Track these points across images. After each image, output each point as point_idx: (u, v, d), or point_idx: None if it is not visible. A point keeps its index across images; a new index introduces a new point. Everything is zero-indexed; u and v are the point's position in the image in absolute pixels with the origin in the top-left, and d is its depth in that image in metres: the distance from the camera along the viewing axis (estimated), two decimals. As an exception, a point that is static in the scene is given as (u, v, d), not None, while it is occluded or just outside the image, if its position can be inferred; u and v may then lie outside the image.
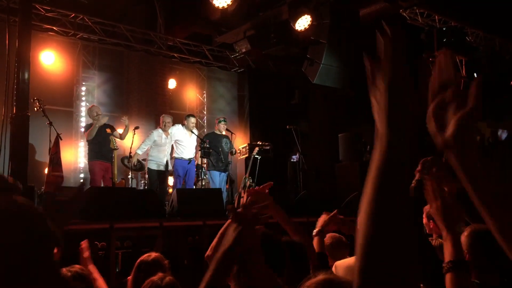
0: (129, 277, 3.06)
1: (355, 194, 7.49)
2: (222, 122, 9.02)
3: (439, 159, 1.53)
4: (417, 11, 9.39)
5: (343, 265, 3.13)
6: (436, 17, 9.63)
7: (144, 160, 8.70)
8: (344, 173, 8.89)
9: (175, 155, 8.65)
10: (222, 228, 2.55)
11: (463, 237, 1.95)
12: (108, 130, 7.87)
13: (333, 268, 3.15)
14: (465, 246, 1.91)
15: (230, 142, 9.14)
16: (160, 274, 2.54)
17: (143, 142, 8.41)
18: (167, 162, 8.48)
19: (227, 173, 8.99)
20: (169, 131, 8.49)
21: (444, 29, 9.68)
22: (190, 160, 8.62)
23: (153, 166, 8.35)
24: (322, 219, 2.78)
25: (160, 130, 8.46)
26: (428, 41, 9.56)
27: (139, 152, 8.34)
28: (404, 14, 9.19)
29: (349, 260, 3.18)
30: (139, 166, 8.68)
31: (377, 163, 0.85)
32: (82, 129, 10.25)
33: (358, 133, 9.24)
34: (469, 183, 0.91)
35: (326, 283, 1.31)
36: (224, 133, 9.06)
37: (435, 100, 0.96)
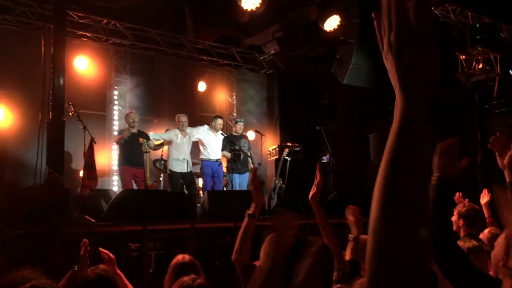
0: (165, 279, 3.08)
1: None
2: (239, 123, 8.92)
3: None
4: (449, 8, 9.20)
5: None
6: (469, 13, 9.41)
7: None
8: (375, 173, 8.70)
9: (202, 156, 8.66)
10: (241, 232, 2.55)
11: None
12: (141, 140, 7.88)
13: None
14: None
15: (249, 143, 9.03)
16: (192, 276, 2.55)
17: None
18: (188, 163, 8.44)
19: (247, 173, 8.90)
20: (188, 130, 8.51)
21: (477, 25, 9.45)
22: (217, 160, 8.63)
23: (175, 168, 8.35)
24: (354, 220, 2.73)
25: (176, 130, 8.46)
26: (460, 38, 9.36)
27: (151, 136, 8.31)
28: (436, 12, 9.02)
29: None
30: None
31: (392, 136, 0.79)
32: (115, 133, 10.47)
33: (389, 133, 9.11)
34: None
35: None
36: (241, 133, 8.97)
37: None
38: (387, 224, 0.76)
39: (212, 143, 8.62)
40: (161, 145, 8.42)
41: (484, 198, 4.51)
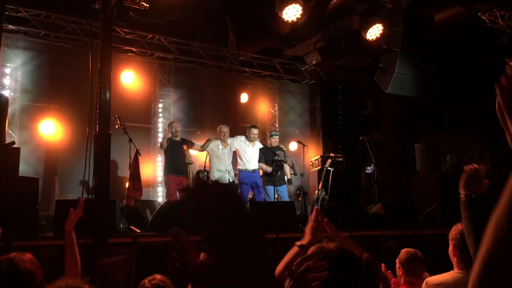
0: None
1: (434, 206, 7.18)
2: (274, 136, 8.93)
3: None
4: (497, 13, 8.90)
5: (434, 281, 2.95)
6: (519, 18, 9.08)
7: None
8: (421, 184, 8.56)
9: (239, 167, 8.68)
10: (287, 258, 2.44)
11: None
12: (185, 147, 8.04)
13: (423, 285, 2.99)
14: None
15: (285, 154, 8.95)
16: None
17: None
18: (230, 173, 8.48)
19: (285, 186, 8.83)
20: (229, 141, 8.57)
21: (527, 30, 9.09)
22: (254, 171, 8.62)
23: (216, 178, 8.41)
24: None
25: (218, 141, 8.52)
26: (510, 44, 9.03)
27: (195, 145, 8.47)
28: (483, 17, 8.76)
29: (442, 277, 2.98)
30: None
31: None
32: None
33: (435, 143, 8.88)
34: None
35: None
36: (277, 146, 8.90)
37: None
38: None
39: (248, 153, 8.63)
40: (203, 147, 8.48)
41: None
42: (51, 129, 8.79)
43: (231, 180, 8.49)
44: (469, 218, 1.89)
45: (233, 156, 8.80)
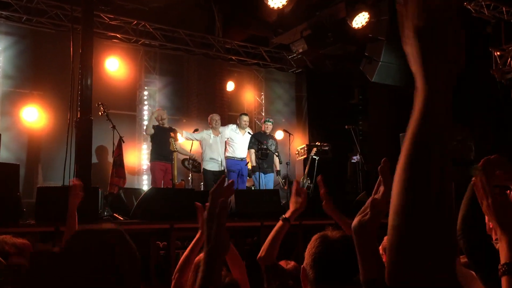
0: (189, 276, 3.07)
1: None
2: (268, 123, 8.98)
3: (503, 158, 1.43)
4: (482, 3, 8.94)
5: None
6: (504, 8, 9.12)
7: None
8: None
9: (227, 154, 8.72)
10: (273, 233, 2.53)
11: None
12: (172, 134, 8.03)
13: None
14: None
15: (276, 144, 9.01)
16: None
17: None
18: (222, 162, 8.55)
19: (272, 174, 8.88)
20: (220, 130, 8.59)
21: (512, 21, 9.16)
22: (242, 159, 8.65)
23: (207, 166, 8.50)
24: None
25: (209, 130, 8.60)
26: (495, 34, 9.09)
27: (184, 135, 8.53)
28: (469, 7, 8.79)
29: None
30: (199, 168, 8.85)
31: (413, 123, 0.77)
32: (145, 132, 10.61)
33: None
34: None
35: None
36: (269, 133, 8.96)
37: None
38: (409, 212, 0.73)
39: (238, 142, 8.69)
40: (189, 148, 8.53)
41: None
42: (34, 116, 8.66)
43: (222, 169, 8.57)
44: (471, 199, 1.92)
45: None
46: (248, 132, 8.73)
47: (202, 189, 8.94)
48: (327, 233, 1.68)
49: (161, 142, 8.07)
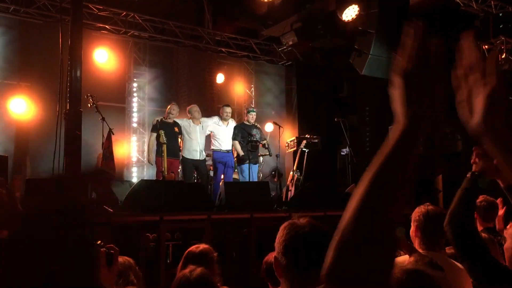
0: (178, 268, 3.09)
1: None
2: (252, 113, 8.83)
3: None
4: (471, -3, 9.00)
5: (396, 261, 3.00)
6: (492, 2, 9.19)
7: None
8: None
9: (213, 147, 8.64)
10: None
11: None
12: (176, 129, 8.00)
13: None
14: None
15: (261, 132, 8.95)
16: (191, 266, 2.52)
17: None
18: (201, 152, 8.44)
19: (257, 165, 8.85)
20: (203, 120, 8.52)
21: (500, 15, 9.22)
22: (228, 151, 8.60)
23: (187, 155, 8.34)
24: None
25: (190, 120, 8.48)
26: (483, 28, 9.15)
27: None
28: (457, 0, 8.83)
29: (403, 258, 3.03)
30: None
31: (389, 147, 0.85)
32: (135, 124, 10.56)
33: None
34: (506, 164, 0.87)
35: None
36: (253, 123, 8.86)
37: (462, 86, 0.92)
38: (359, 217, 0.82)
39: (222, 134, 8.59)
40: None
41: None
42: (22, 108, 8.57)
43: (201, 158, 8.46)
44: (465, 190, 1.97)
45: (207, 138, 8.75)
46: (229, 122, 8.67)
47: (181, 178, 8.68)
48: (295, 221, 1.71)
49: (169, 139, 7.91)
